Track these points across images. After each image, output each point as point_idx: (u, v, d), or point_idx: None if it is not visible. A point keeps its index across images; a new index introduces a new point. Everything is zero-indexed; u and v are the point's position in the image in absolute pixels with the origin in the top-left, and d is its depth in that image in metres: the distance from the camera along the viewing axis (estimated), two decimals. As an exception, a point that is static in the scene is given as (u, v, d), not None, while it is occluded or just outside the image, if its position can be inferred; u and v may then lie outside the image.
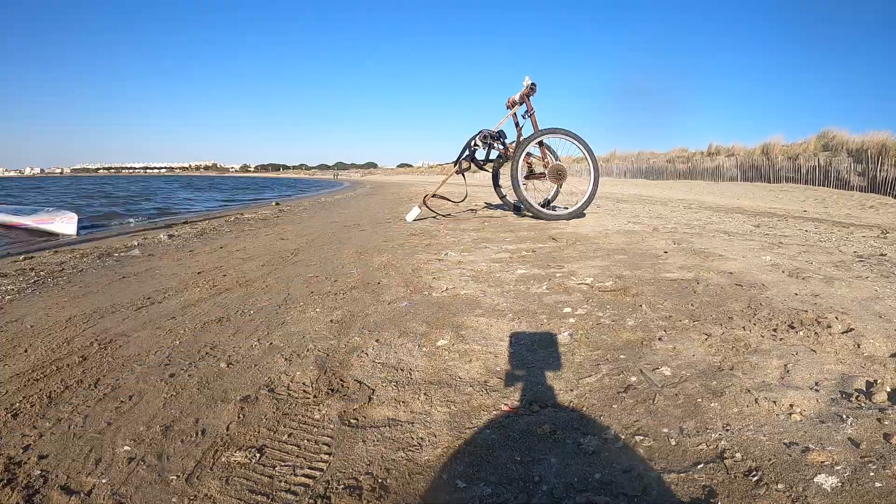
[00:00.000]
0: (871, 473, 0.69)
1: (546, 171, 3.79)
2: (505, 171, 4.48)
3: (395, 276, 2.01)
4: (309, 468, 0.80)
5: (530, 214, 3.70)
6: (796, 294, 1.50)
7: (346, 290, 1.83)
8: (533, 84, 3.78)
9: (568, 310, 1.48)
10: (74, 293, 1.98)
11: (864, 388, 0.93)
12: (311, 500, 0.72)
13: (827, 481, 0.68)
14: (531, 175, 3.95)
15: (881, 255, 2.21)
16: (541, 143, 3.80)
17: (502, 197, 4.60)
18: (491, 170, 4.43)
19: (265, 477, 0.78)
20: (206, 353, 1.27)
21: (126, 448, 0.86)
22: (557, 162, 3.83)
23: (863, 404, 0.88)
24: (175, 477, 0.78)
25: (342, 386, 1.07)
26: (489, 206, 5.13)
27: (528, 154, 3.78)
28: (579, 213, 3.70)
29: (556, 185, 3.99)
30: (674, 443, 0.81)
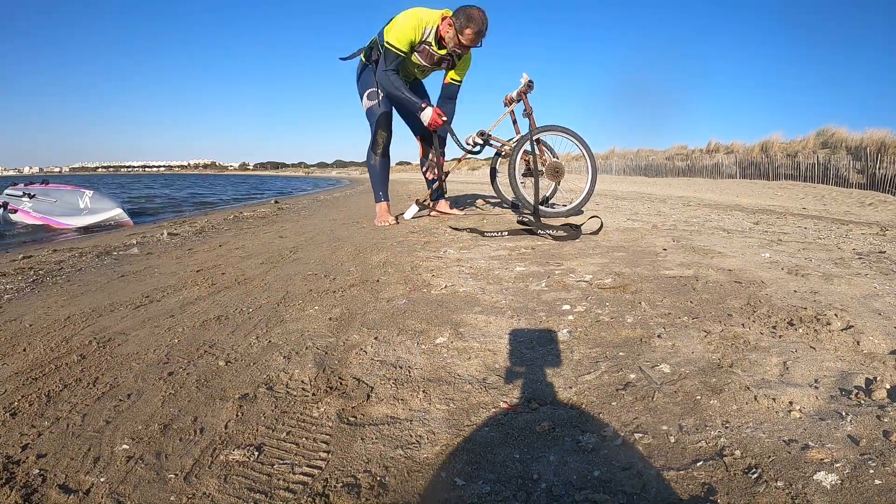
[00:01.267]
0: (871, 471, 0.69)
1: (544, 169, 3.78)
2: (502, 169, 4.47)
3: (393, 273, 2.01)
4: (307, 466, 0.80)
5: (528, 211, 3.70)
6: (795, 291, 1.50)
7: (345, 287, 1.82)
8: (530, 81, 3.77)
9: (567, 307, 1.47)
10: (73, 292, 1.98)
11: (864, 386, 0.93)
12: (309, 499, 0.72)
13: (827, 479, 0.68)
14: (529, 173, 3.94)
15: (880, 252, 2.21)
16: (538, 141, 3.79)
17: (500, 194, 4.59)
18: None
19: (263, 475, 0.78)
20: (205, 352, 1.26)
21: (124, 447, 0.86)
22: (555, 159, 3.82)
23: (862, 401, 0.88)
24: (173, 475, 0.78)
25: (341, 384, 1.07)
26: (487, 203, 5.12)
27: (526, 151, 3.77)
28: (577, 211, 3.70)
29: (553, 183, 3.97)
30: (673, 440, 0.81)
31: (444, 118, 3.41)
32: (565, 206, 3.75)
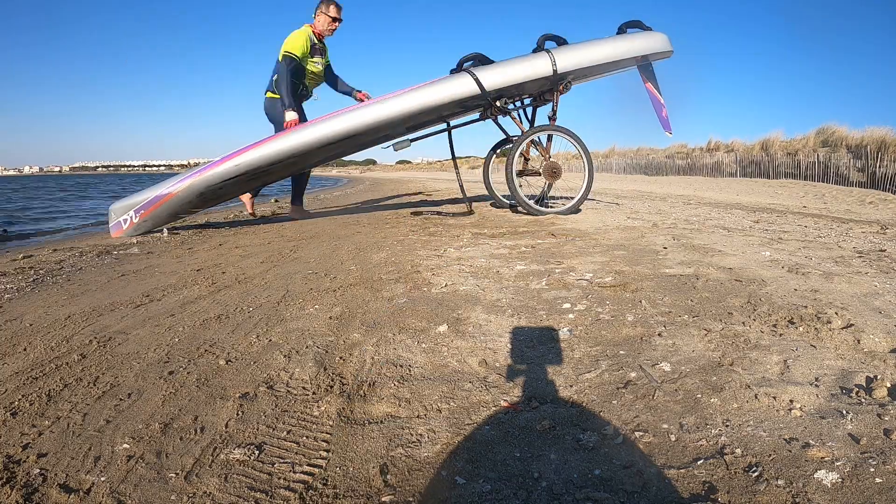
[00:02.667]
0: (872, 469, 0.69)
1: (541, 168, 3.78)
2: (499, 168, 4.46)
3: (394, 272, 2.01)
4: (308, 465, 0.80)
5: (524, 210, 3.70)
6: (796, 289, 1.50)
7: (346, 286, 1.82)
8: None
9: (567, 305, 1.47)
10: (73, 291, 1.98)
11: (864, 384, 0.93)
12: (310, 497, 0.72)
13: (827, 477, 0.68)
14: (526, 171, 3.94)
15: (880, 250, 2.21)
16: (534, 140, 3.79)
17: (492, 192, 4.58)
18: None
19: (264, 474, 0.78)
20: (205, 351, 1.26)
21: (125, 446, 0.86)
22: (552, 159, 3.82)
23: (863, 400, 0.88)
24: (174, 475, 0.78)
25: (341, 382, 1.07)
26: (486, 201, 5.12)
27: (521, 152, 3.78)
28: (575, 209, 3.70)
29: (551, 182, 3.98)
30: (674, 438, 0.81)
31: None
32: (564, 205, 3.75)
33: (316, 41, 4.01)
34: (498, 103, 3.62)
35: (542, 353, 1.17)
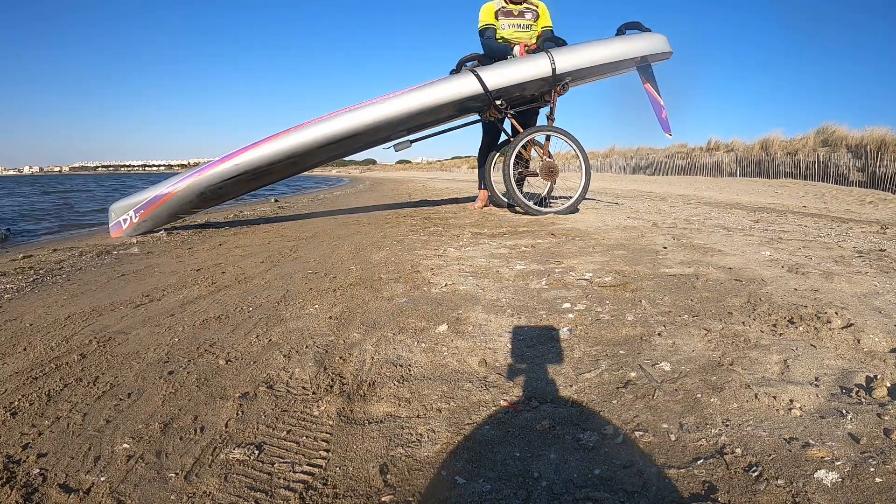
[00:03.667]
0: (872, 469, 0.69)
1: (538, 169, 3.79)
2: (498, 166, 4.47)
3: (394, 272, 2.01)
4: (308, 465, 0.80)
5: (522, 210, 3.70)
6: (796, 289, 1.49)
7: (346, 286, 1.82)
8: None
9: (567, 305, 1.47)
10: (73, 291, 1.98)
11: (864, 384, 0.93)
12: (309, 497, 0.72)
13: (827, 477, 0.68)
14: (524, 172, 3.95)
15: (880, 250, 2.21)
16: (532, 141, 3.79)
17: (492, 190, 4.57)
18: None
19: (264, 474, 0.78)
20: (205, 351, 1.26)
21: (125, 446, 0.86)
22: (549, 159, 3.82)
23: (863, 399, 0.88)
24: (174, 474, 0.78)
25: (341, 382, 1.07)
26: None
27: (519, 153, 3.78)
28: (572, 209, 3.70)
29: (549, 182, 3.98)
30: (673, 438, 0.81)
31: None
32: (562, 204, 3.75)
33: (505, 4, 3.77)
34: (497, 103, 3.63)
35: (542, 352, 1.17)
